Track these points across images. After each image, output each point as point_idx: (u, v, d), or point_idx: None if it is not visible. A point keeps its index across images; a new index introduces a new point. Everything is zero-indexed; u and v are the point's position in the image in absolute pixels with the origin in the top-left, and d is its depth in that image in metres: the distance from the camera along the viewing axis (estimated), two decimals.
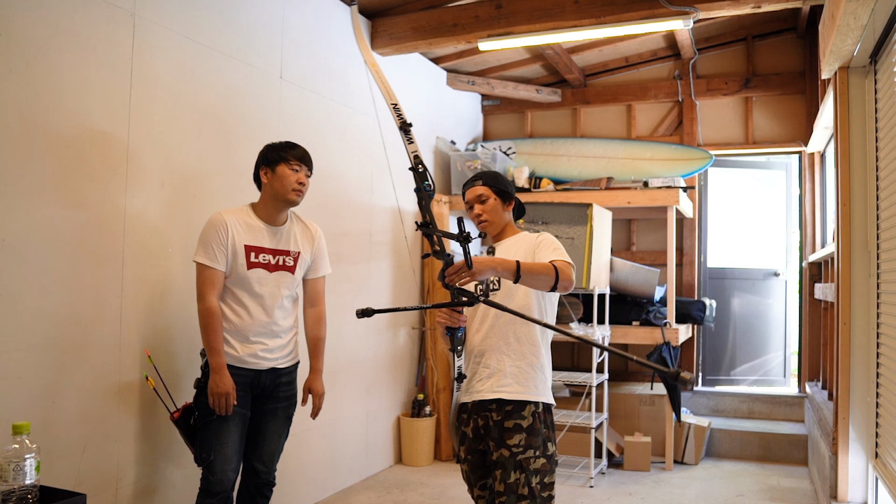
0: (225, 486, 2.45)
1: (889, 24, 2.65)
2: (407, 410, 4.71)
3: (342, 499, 3.90)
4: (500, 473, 2.19)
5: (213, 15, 3.13)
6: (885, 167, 2.89)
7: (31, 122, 2.34)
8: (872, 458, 3.04)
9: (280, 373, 2.61)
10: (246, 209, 2.60)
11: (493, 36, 4.16)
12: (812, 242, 5.05)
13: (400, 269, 4.67)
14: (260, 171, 2.60)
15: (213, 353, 2.44)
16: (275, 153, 2.57)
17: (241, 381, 2.50)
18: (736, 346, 5.62)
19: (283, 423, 2.66)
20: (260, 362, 2.54)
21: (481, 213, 2.37)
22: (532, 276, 2.07)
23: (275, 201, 2.57)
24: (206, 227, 2.52)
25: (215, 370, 2.43)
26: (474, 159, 5.12)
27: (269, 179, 2.56)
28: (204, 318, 2.46)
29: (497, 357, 2.25)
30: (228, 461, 2.46)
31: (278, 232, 2.61)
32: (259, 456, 2.60)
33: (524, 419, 2.21)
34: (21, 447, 1.91)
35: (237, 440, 2.50)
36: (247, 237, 2.53)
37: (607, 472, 4.43)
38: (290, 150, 2.58)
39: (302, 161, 2.58)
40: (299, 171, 2.57)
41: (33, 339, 2.34)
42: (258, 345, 2.54)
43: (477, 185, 2.38)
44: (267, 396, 2.60)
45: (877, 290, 3.04)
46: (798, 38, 5.22)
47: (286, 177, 2.54)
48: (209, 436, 2.46)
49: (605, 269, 4.42)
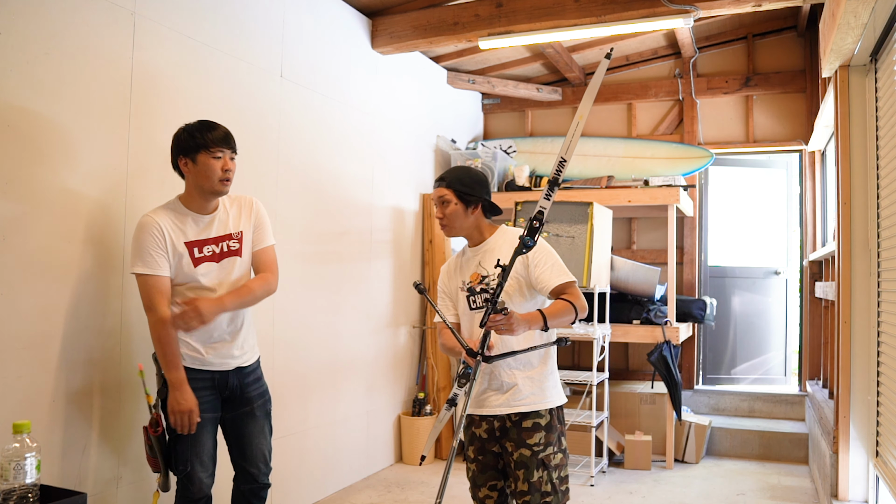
0: (205, 492, 2.39)
1: (889, 22, 2.65)
2: (407, 409, 4.71)
3: (342, 498, 3.90)
4: (522, 473, 2.22)
5: (213, 14, 3.13)
6: (885, 166, 2.89)
7: (31, 121, 2.34)
8: (873, 456, 3.04)
9: (246, 371, 2.48)
10: (175, 203, 2.39)
11: (494, 34, 4.16)
12: (812, 241, 5.04)
13: (401, 267, 4.67)
14: (179, 162, 2.35)
15: (170, 368, 2.27)
16: (191, 140, 2.30)
17: (207, 383, 2.38)
18: (736, 345, 5.61)
19: (263, 421, 2.53)
20: (226, 362, 2.41)
21: (441, 216, 2.32)
22: (556, 321, 2.17)
23: (202, 192, 2.35)
24: (137, 234, 2.30)
25: (175, 386, 2.26)
26: (475, 158, 5.12)
27: (191, 170, 2.32)
28: (157, 331, 2.26)
29: (508, 372, 2.27)
30: (206, 467, 2.39)
31: (214, 218, 2.40)
32: (251, 460, 2.50)
33: (542, 417, 2.26)
34: (22, 446, 1.91)
35: (211, 445, 2.42)
36: (185, 234, 2.34)
37: (608, 470, 4.43)
38: (209, 133, 2.30)
39: (223, 144, 2.32)
40: (222, 156, 2.32)
41: (34, 338, 2.34)
42: (223, 343, 2.40)
43: (440, 187, 2.31)
44: (239, 398, 2.47)
45: (877, 289, 3.04)
46: (798, 36, 5.22)
47: (209, 167, 2.29)
48: (183, 447, 2.34)
49: (605, 267, 4.42)
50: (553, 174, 2.05)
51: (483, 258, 2.34)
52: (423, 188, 4.99)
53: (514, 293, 2.28)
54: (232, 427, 2.51)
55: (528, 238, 2.05)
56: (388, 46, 4.38)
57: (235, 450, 2.52)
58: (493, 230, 2.38)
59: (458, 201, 2.30)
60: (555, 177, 2.05)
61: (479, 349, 2.10)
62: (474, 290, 2.31)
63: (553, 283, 2.22)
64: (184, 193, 2.41)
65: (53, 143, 2.42)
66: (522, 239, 2.05)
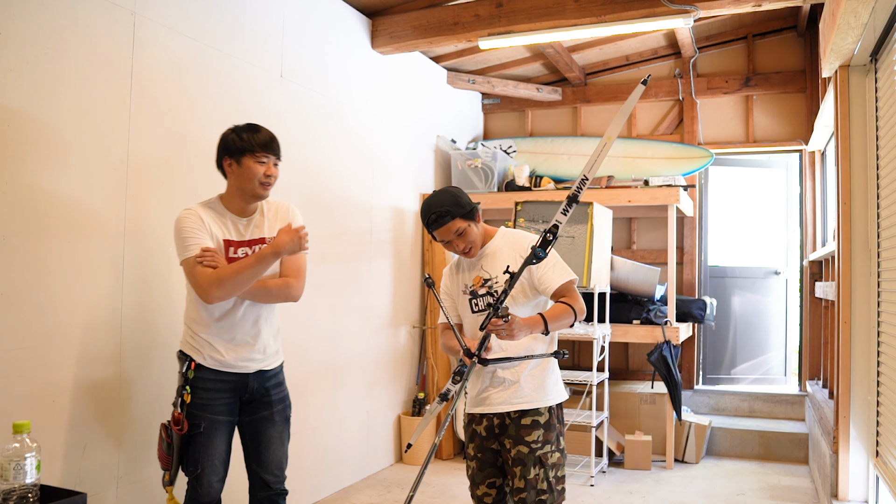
0: (213, 497, 2.36)
1: (889, 22, 2.65)
2: (407, 409, 4.71)
3: (342, 497, 3.90)
4: (519, 470, 2.23)
5: (213, 14, 3.13)
6: (885, 165, 2.89)
7: (31, 122, 2.34)
8: (873, 456, 3.04)
9: (268, 375, 2.45)
10: (215, 202, 2.41)
11: (494, 34, 4.16)
12: (812, 241, 5.04)
13: (400, 267, 4.67)
14: (223, 162, 2.37)
15: (244, 265, 2.25)
16: (239, 142, 2.33)
17: (226, 385, 2.35)
18: (736, 345, 5.61)
19: (282, 427, 2.49)
20: (248, 365, 2.38)
21: (465, 245, 2.29)
22: (557, 325, 2.20)
23: (242, 194, 2.37)
24: (178, 224, 2.31)
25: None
26: (475, 158, 5.12)
27: (234, 172, 2.35)
28: (215, 277, 2.22)
29: (511, 370, 2.28)
30: (216, 472, 2.35)
31: (251, 221, 2.43)
32: (266, 467, 2.45)
33: (541, 415, 2.27)
34: (22, 446, 1.91)
35: (225, 450, 2.39)
36: (223, 231, 2.36)
37: (608, 470, 4.43)
38: (255, 136, 2.34)
39: (268, 150, 2.35)
40: (266, 162, 2.34)
41: (34, 337, 2.34)
42: (244, 346, 2.38)
43: (450, 223, 2.24)
44: (259, 402, 2.43)
45: (877, 289, 3.04)
46: (798, 36, 5.22)
47: (252, 170, 2.32)
48: (196, 448, 2.32)
49: (605, 267, 4.42)
50: (573, 191, 2.04)
51: (485, 262, 2.34)
52: (423, 188, 4.99)
53: (518, 294, 2.31)
54: (249, 430, 2.45)
55: (539, 249, 2.06)
56: (388, 46, 4.38)
57: (251, 454, 2.47)
58: (492, 233, 2.40)
59: (469, 222, 2.28)
60: (574, 193, 2.05)
61: (477, 350, 2.12)
62: (477, 294, 2.33)
63: (556, 283, 2.25)
64: (224, 194, 2.43)
65: (53, 143, 2.42)
66: (534, 250, 2.06)
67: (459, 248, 2.30)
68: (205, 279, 2.23)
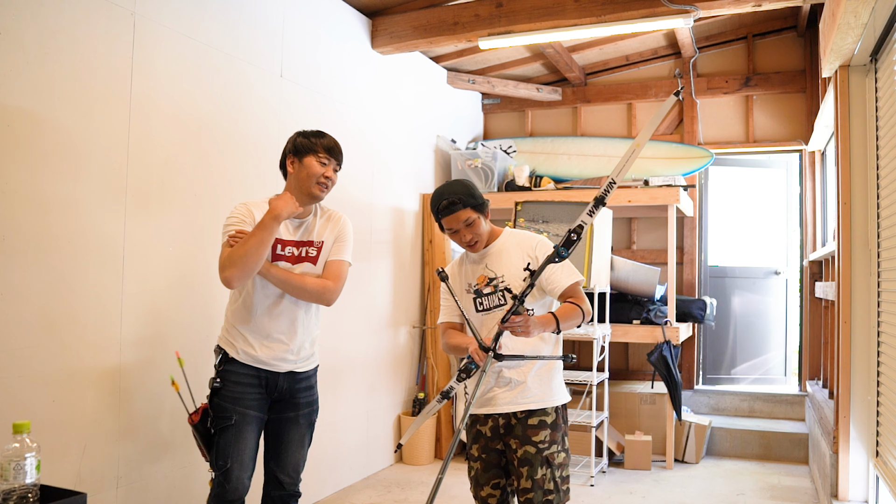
0: (241, 494, 2.34)
1: (889, 22, 2.65)
2: (407, 409, 4.71)
3: (343, 497, 3.90)
4: (526, 470, 2.23)
5: (213, 14, 3.13)
6: (885, 165, 2.89)
7: (31, 122, 2.34)
8: (873, 456, 3.04)
9: (299, 377, 2.46)
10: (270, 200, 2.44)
11: (494, 34, 4.16)
12: (812, 241, 5.04)
13: (400, 267, 4.67)
14: (287, 160, 2.44)
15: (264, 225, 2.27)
16: (305, 142, 2.41)
17: (256, 381, 2.37)
18: (736, 345, 5.61)
19: (305, 431, 2.51)
20: (280, 364, 2.39)
21: (472, 237, 2.30)
22: (567, 325, 2.22)
23: (299, 193, 2.40)
24: (230, 216, 2.37)
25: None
26: (475, 158, 5.12)
27: (296, 170, 2.40)
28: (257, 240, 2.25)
29: (517, 370, 2.28)
30: (245, 468, 2.34)
31: (303, 224, 2.46)
32: (283, 467, 2.45)
33: (548, 415, 2.28)
34: (22, 446, 1.91)
35: (254, 446, 2.39)
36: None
37: (608, 470, 4.43)
38: (321, 139, 2.42)
39: (330, 153, 2.41)
40: (328, 164, 2.40)
41: (34, 337, 2.34)
42: (279, 345, 2.39)
43: (461, 211, 2.26)
44: (287, 402, 2.45)
45: (877, 289, 3.04)
46: (798, 36, 5.22)
47: (313, 169, 2.38)
48: (226, 442, 2.32)
49: (605, 267, 4.42)
50: (601, 193, 2.03)
51: (490, 261, 2.34)
52: (423, 188, 4.99)
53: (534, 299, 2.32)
54: (273, 429, 2.46)
55: (562, 249, 2.05)
56: (388, 46, 4.38)
57: (270, 452, 2.47)
58: (498, 233, 2.40)
59: (479, 214, 2.29)
60: (602, 195, 2.03)
61: (493, 345, 2.12)
62: (481, 293, 2.33)
63: (564, 284, 2.26)
64: (282, 193, 2.45)
65: (53, 143, 2.42)
66: (557, 249, 2.06)
67: (465, 240, 2.30)
68: (220, 260, 2.29)
